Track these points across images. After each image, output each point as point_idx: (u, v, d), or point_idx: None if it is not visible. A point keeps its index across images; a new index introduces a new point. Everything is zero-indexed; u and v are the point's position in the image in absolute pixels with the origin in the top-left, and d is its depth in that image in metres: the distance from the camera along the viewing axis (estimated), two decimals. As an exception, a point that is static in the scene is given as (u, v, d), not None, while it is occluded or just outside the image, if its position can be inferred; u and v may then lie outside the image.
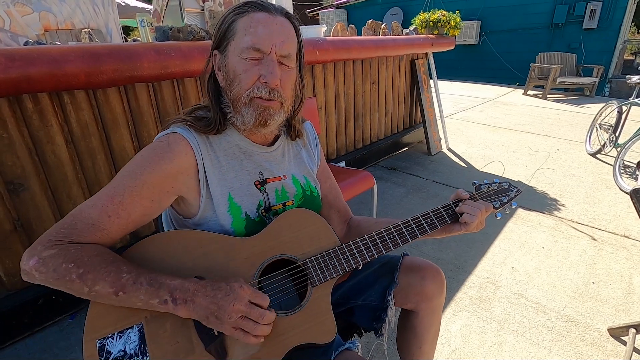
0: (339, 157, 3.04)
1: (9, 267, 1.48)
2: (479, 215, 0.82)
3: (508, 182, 0.93)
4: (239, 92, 0.73)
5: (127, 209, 0.68)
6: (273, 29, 0.71)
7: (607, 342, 1.48)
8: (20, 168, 1.42)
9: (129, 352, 0.63)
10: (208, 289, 0.64)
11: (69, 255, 0.61)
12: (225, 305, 0.62)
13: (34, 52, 1.28)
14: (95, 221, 0.66)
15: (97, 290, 0.61)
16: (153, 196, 0.71)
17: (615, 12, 7.03)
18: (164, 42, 1.72)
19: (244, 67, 0.72)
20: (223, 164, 0.79)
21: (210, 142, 0.78)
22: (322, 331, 0.74)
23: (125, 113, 1.67)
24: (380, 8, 10.05)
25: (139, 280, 0.62)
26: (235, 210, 0.78)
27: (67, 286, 0.61)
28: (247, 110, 0.74)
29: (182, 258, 0.71)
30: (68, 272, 0.60)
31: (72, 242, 0.64)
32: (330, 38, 2.59)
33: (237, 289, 0.64)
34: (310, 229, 0.81)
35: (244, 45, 0.71)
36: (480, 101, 6.42)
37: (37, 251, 0.62)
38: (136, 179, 0.69)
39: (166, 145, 0.73)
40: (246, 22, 0.71)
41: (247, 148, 0.82)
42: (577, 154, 3.70)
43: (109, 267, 0.62)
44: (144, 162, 0.71)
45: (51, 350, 1.48)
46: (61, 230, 0.64)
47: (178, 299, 0.62)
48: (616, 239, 2.19)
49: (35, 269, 0.61)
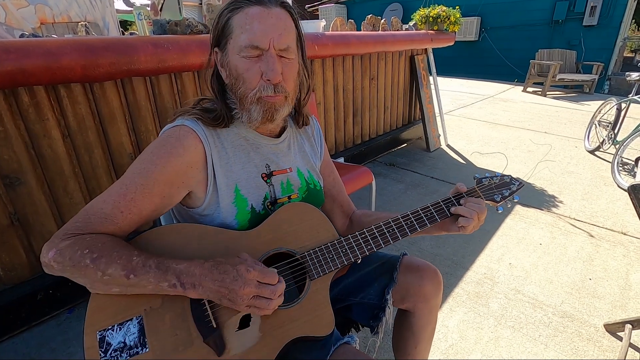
0: (338, 153, 3.04)
1: (5, 262, 1.47)
2: (476, 217, 0.81)
3: (510, 176, 0.93)
4: (245, 92, 0.73)
5: (138, 205, 0.69)
6: (269, 24, 0.70)
7: (603, 338, 1.49)
8: (17, 162, 1.41)
9: (129, 343, 0.63)
10: (215, 273, 0.64)
11: (84, 243, 0.63)
12: (235, 289, 0.62)
13: (29, 44, 1.27)
14: (108, 215, 0.67)
15: (110, 273, 0.62)
16: (164, 192, 0.71)
17: (615, 9, 7.01)
18: (161, 35, 1.70)
19: (245, 66, 0.71)
20: (230, 156, 0.79)
21: (218, 134, 0.78)
22: (320, 324, 0.74)
23: (122, 107, 1.66)
24: (380, 3, 10.00)
25: (147, 263, 0.63)
26: (241, 202, 0.78)
27: (82, 273, 0.62)
28: (255, 107, 0.74)
29: (182, 252, 0.71)
30: (83, 258, 0.62)
31: (87, 233, 0.65)
32: (329, 33, 2.57)
33: (244, 273, 0.63)
34: (309, 222, 0.81)
35: (242, 44, 0.70)
36: (479, 98, 6.41)
37: (55, 243, 0.64)
38: (148, 177, 0.69)
39: (175, 140, 0.72)
40: (241, 19, 0.70)
41: (254, 140, 0.82)
42: (576, 151, 3.70)
43: (121, 251, 0.64)
44: (154, 159, 0.71)
45: (49, 344, 1.48)
46: (76, 224, 0.66)
47: (186, 283, 0.63)
48: (614, 236, 2.20)
49: (54, 260, 0.62)
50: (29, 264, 1.53)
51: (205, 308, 0.68)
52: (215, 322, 0.67)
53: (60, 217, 1.58)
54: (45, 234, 1.54)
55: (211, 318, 0.67)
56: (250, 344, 0.68)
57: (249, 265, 0.65)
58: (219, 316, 0.68)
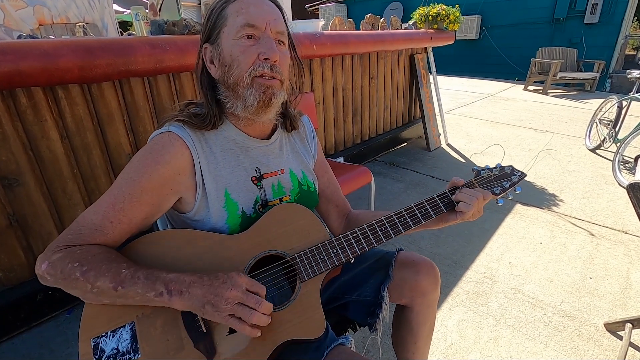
0: (337, 153, 3.03)
1: (4, 263, 1.47)
2: (475, 204, 0.79)
3: (511, 167, 0.89)
4: (239, 75, 0.72)
5: (128, 215, 0.69)
6: (264, 9, 0.72)
7: (604, 337, 1.48)
8: (15, 163, 1.41)
9: (122, 349, 0.64)
10: (205, 279, 0.64)
11: (74, 256, 0.64)
12: (221, 292, 0.63)
13: (26, 45, 1.27)
14: (97, 226, 0.68)
15: (99, 286, 0.63)
16: (153, 201, 0.71)
17: (617, 7, 6.98)
18: (159, 36, 1.70)
19: (241, 49, 0.71)
20: (219, 160, 0.78)
21: (206, 138, 0.78)
22: (311, 326, 0.73)
23: (120, 108, 1.66)
24: (380, 3, 9.98)
25: (136, 274, 0.64)
26: (232, 207, 0.78)
27: (73, 285, 0.64)
28: (250, 91, 0.73)
29: (174, 258, 0.71)
30: (73, 271, 0.63)
31: (78, 245, 0.66)
32: (328, 32, 2.56)
33: (235, 276, 0.65)
34: (299, 223, 0.81)
35: (238, 24, 0.70)
36: (480, 96, 6.39)
37: (47, 256, 0.65)
38: (135, 186, 0.69)
39: (162, 147, 0.72)
40: (236, 5, 0.72)
41: (244, 142, 0.81)
42: (577, 149, 3.68)
43: (110, 264, 0.64)
44: (141, 167, 0.71)
45: (48, 345, 1.48)
46: (67, 236, 0.67)
47: (173, 290, 0.63)
48: (614, 235, 2.19)
49: (47, 272, 0.64)
50: (28, 265, 1.53)
51: (195, 314, 0.68)
52: (205, 327, 0.67)
53: (59, 218, 1.58)
54: (44, 234, 1.54)
55: (201, 323, 0.68)
56: (240, 347, 0.68)
57: (240, 274, 0.66)
58: (209, 321, 0.68)
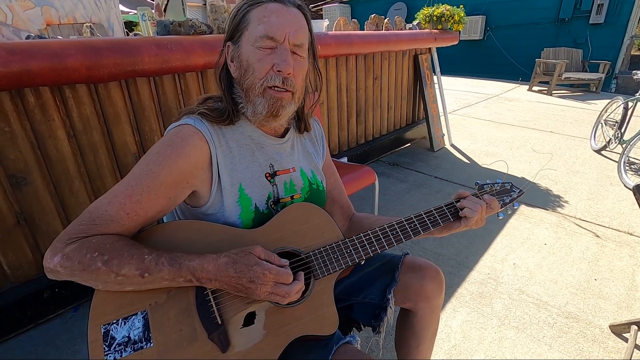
0: (341, 153, 3.04)
1: (12, 260, 1.49)
2: (480, 211, 0.83)
3: (510, 183, 0.95)
4: (252, 82, 0.74)
5: (144, 207, 0.68)
6: (286, 19, 0.72)
7: (609, 339, 1.48)
8: (23, 162, 1.43)
9: (133, 338, 0.63)
10: (230, 271, 0.65)
11: (91, 246, 0.62)
12: (253, 289, 0.65)
13: (35, 45, 1.28)
14: (113, 217, 0.66)
15: (124, 273, 0.62)
16: (170, 194, 0.71)
17: (622, 7, 6.93)
18: (164, 36, 1.72)
19: (257, 57, 0.72)
20: (235, 155, 0.79)
21: (223, 132, 0.78)
22: (324, 323, 0.75)
23: (126, 107, 1.67)
24: (384, 3, 9.97)
25: (160, 260, 0.64)
26: (245, 202, 0.78)
27: (94, 276, 0.62)
28: (260, 100, 0.74)
29: (190, 248, 0.71)
30: (93, 261, 0.61)
31: (92, 235, 0.65)
32: (332, 32, 2.57)
33: (261, 275, 0.65)
34: (314, 222, 0.82)
35: (258, 34, 0.71)
36: (484, 97, 6.37)
37: (59, 248, 0.62)
38: (155, 179, 0.69)
39: (181, 140, 0.72)
40: (260, 12, 0.72)
41: (259, 139, 0.83)
42: (582, 150, 3.66)
43: (132, 251, 0.64)
44: (160, 159, 0.70)
45: (54, 342, 1.50)
46: (79, 226, 0.65)
47: (202, 278, 0.65)
48: (620, 236, 2.18)
49: (60, 265, 0.61)
50: (35, 263, 1.55)
51: (210, 304, 0.68)
52: (220, 319, 0.68)
53: (66, 216, 1.60)
54: (51, 233, 1.55)
55: (216, 314, 0.68)
56: (254, 341, 0.68)
57: (265, 268, 0.66)
58: (224, 313, 0.69)
